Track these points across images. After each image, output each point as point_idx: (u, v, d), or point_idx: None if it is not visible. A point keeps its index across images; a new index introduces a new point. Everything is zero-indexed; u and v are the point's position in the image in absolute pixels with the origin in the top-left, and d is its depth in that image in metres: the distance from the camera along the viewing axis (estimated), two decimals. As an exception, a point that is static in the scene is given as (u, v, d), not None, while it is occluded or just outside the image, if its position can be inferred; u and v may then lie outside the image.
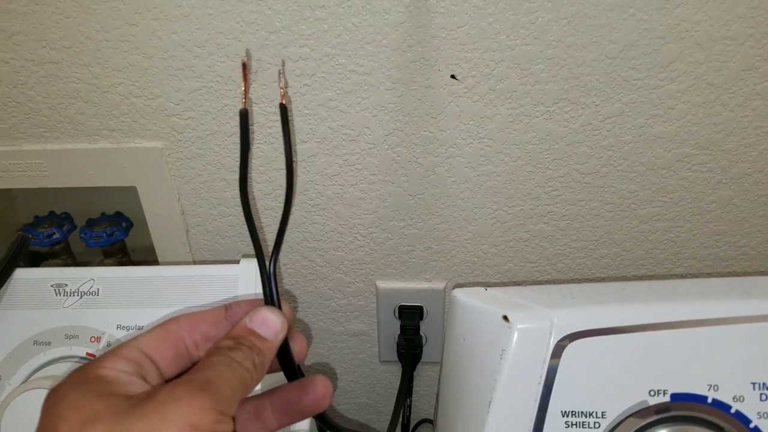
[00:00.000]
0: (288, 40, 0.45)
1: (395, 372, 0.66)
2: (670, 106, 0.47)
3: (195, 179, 0.53)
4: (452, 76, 0.46)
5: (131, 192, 0.54)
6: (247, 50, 0.44)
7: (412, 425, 0.68)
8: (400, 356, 0.62)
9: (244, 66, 0.31)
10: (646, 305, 0.34)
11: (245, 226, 0.56)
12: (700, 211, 0.52)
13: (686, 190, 0.51)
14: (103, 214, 0.63)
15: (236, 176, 0.52)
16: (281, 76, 0.40)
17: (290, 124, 0.47)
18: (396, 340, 0.62)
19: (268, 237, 0.56)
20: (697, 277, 0.56)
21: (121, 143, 0.51)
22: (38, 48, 0.47)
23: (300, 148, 0.51)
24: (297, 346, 0.27)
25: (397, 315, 0.60)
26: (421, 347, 0.62)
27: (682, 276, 0.57)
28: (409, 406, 0.64)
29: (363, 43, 0.45)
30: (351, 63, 0.46)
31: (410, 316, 0.60)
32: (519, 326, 0.33)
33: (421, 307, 0.60)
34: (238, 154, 0.51)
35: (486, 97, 0.47)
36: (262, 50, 0.46)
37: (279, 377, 0.28)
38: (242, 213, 0.29)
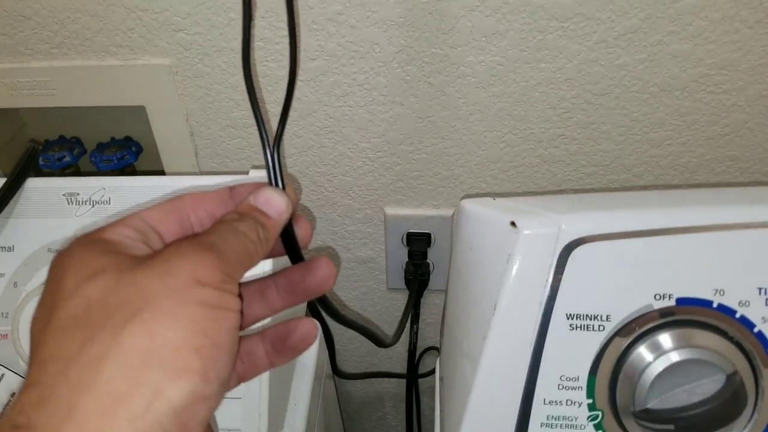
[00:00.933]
0: (296, -51, 0.44)
1: (403, 300, 0.67)
2: (687, 22, 0.45)
3: (203, 98, 0.53)
4: (464, -11, 0.45)
5: (141, 116, 0.54)
6: None
7: (418, 352, 0.69)
8: (408, 283, 0.63)
9: None
10: (653, 211, 0.34)
11: (255, 148, 0.55)
12: (713, 135, 0.51)
13: (700, 112, 0.50)
14: (112, 138, 0.63)
15: (244, 96, 0.52)
16: None
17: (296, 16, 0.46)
18: (404, 267, 0.63)
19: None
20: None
21: (129, 60, 0.51)
22: (43, -41, 0.46)
23: (308, 66, 0.50)
24: (301, 230, 0.27)
25: (405, 242, 0.61)
26: (429, 274, 0.62)
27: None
28: (416, 333, 0.65)
29: (373, -47, 0.44)
30: (361, -26, 0.45)
31: (418, 243, 0.60)
32: (526, 231, 0.33)
33: (429, 234, 0.60)
34: (246, 73, 0.51)
35: (499, 11, 0.46)
36: (269, -40, 0.45)
37: (284, 262, 0.28)
38: (245, 85, 0.28)
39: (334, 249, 0.64)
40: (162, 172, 0.59)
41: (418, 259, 0.61)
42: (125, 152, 0.61)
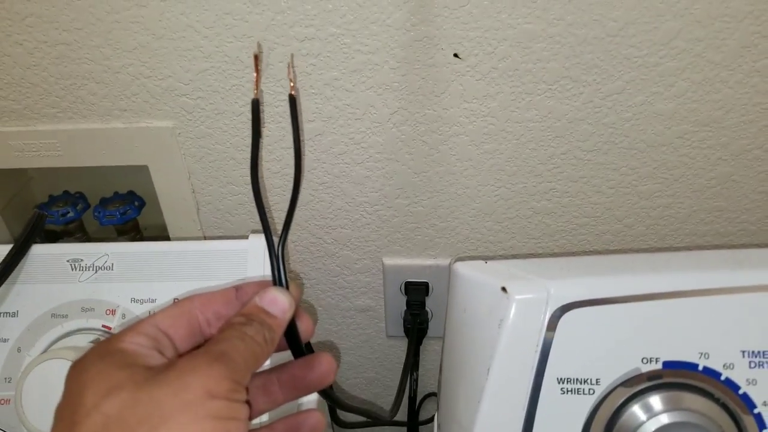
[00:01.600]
0: (294, 20, 0.46)
1: (402, 347, 0.68)
2: (670, 83, 0.47)
3: (205, 158, 0.54)
4: (455, 55, 0.47)
5: (143, 171, 0.56)
6: (259, 44, 0.45)
7: (418, 399, 0.69)
8: (407, 331, 0.64)
9: (256, 58, 0.33)
10: (640, 276, 0.35)
11: (254, 204, 0.57)
12: (700, 188, 0.53)
13: (686, 166, 0.52)
14: (115, 193, 0.64)
15: (245, 155, 0.54)
16: (290, 68, 0.41)
17: (299, 114, 0.48)
18: (402, 315, 0.63)
19: (276, 215, 0.58)
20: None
21: (133, 123, 0.53)
22: (50, 30, 0.48)
23: (307, 127, 0.52)
24: (303, 325, 0.29)
25: (403, 291, 0.62)
26: (427, 322, 0.63)
27: (683, 251, 0.57)
28: (416, 380, 0.66)
29: (367, 23, 0.46)
30: (356, 42, 0.47)
31: (416, 292, 0.61)
32: (517, 297, 0.35)
33: (427, 283, 0.61)
34: (246, 134, 0.53)
35: (488, 75, 0.48)
36: (268, 30, 0.47)
37: (286, 356, 0.29)
38: (252, 194, 0.30)
39: (334, 298, 0.65)
40: (164, 227, 0.60)
41: (417, 308, 0.62)
42: (128, 207, 0.62)
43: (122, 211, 0.61)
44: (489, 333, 0.35)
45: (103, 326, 0.41)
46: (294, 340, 0.29)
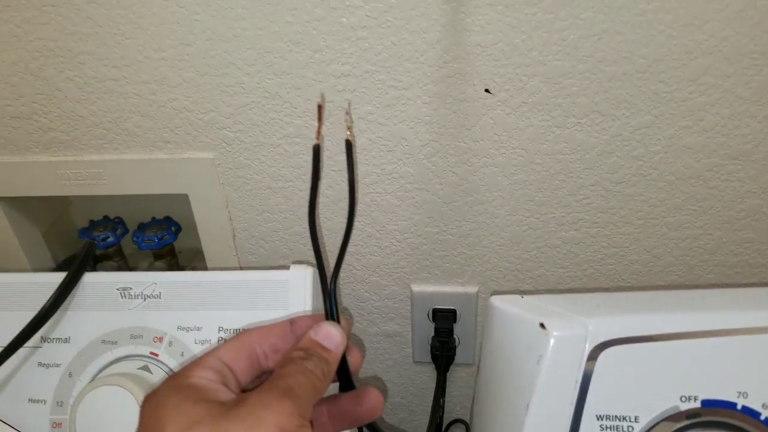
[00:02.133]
0: (331, 58, 0.48)
1: (428, 372, 0.69)
2: (699, 117, 0.48)
3: (242, 187, 0.56)
4: (486, 90, 0.49)
5: (180, 197, 0.58)
6: (322, 94, 0.47)
7: (444, 425, 0.70)
8: (433, 357, 0.65)
9: (320, 108, 0.35)
10: (677, 314, 0.36)
11: (288, 231, 0.59)
12: (729, 220, 0.53)
13: (716, 198, 0.52)
14: (153, 218, 0.66)
15: (281, 185, 0.56)
16: (348, 115, 0.44)
17: (354, 159, 0.50)
18: (429, 341, 0.64)
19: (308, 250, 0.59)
20: (727, 284, 0.57)
21: (175, 154, 0.55)
22: (100, 66, 0.51)
23: (339, 159, 0.54)
24: (352, 358, 0.30)
25: (430, 317, 0.63)
26: (455, 349, 0.64)
27: (712, 282, 0.58)
28: (443, 407, 0.66)
29: (401, 60, 0.48)
30: (390, 79, 0.49)
31: (444, 319, 0.62)
32: (555, 333, 0.35)
33: (455, 310, 0.62)
34: (282, 164, 0.54)
35: (519, 109, 0.49)
36: (306, 68, 0.49)
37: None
38: (309, 234, 0.32)
39: (362, 323, 0.66)
40: (198, 249, 0.62)
41: (445, 335, 0.62)
42: (165, 232, 0.64)
43: (160, 236, 0.63)
44: (528, 368, 0.36)
45: (151, 353, 0.43)
46: (344, 374, 0.30)
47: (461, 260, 0.59)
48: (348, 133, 0.34)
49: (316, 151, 0.32)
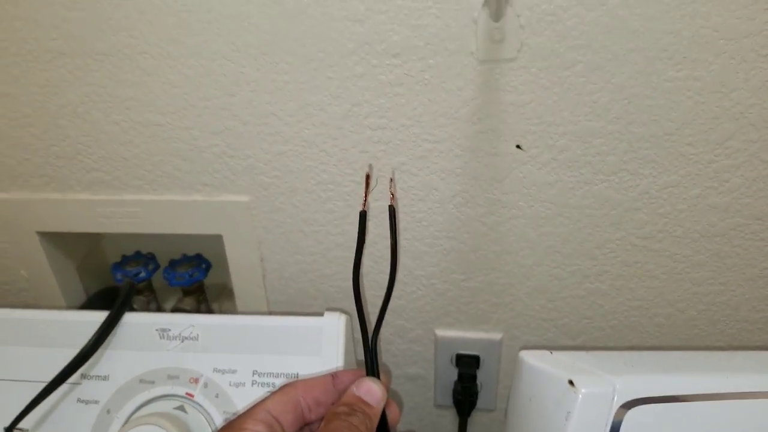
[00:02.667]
0: (368, 112, 0.50)
1: (449, 416, 0.69)
2: (724, 179, 0.49)
3: (275, 230, 0.58)
4: (518, 146, 0.50)
5: (214, 238, 0.60)
6: (370, 165, 0.50)
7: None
8: (455, 402, 0.65)
9: (368, 177, 0.37)
10: (704, 376, 0.37)
11: (317, 273, 0.60)
12: (753, 277, 0.54)
13: (739, 256, 0.53)
14: (184, 255, 0.68)
15: (313, 228, 0.57)
16: (392, 182, 0.47)
17: (397, 223, 0.52)
18: (452, 386, 0.65)
19: (343, 285, 0.61)
20: (751, 338, 0.58)
21: (212, 197, 0.57)
22: (146, 112, 0.53)
23: (373, 205, 0.55)
24: (391, 413, 0.31)
25: (454, 362, 0.64)
26: (476, 394, 0.65)
27: (735, 336, 0.58)
28: (462, 450, 0.67)
29: (436, 116, 0.50)
30: (424, 132, 0.51)
31: (467, 365, 0.63)
32: (584, 390, 0.36)
33: (478, 356, 0.63)
34: (315, 209, 0.56)
35: (548, 165, 0.51)
36: (344, 119, 0.51)
37: None
38: (352, 291, 0.34)
39: (386, 365, 0.67)
40: (224, 285, 0.64)
41: (468, 381, 0.63)
42: (195, 269, 0.66)
43: (191, 273, 0.65)
44: (556, 424, 0.37)
45: (187, 393, 0.44)
46: (383, 427, 0.31)
47: (486, 307, 0.60)
48: (391, 197, 0.36)
49: (363, 217, 0.34)
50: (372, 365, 0.31)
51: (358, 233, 0.34)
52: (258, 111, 0.51)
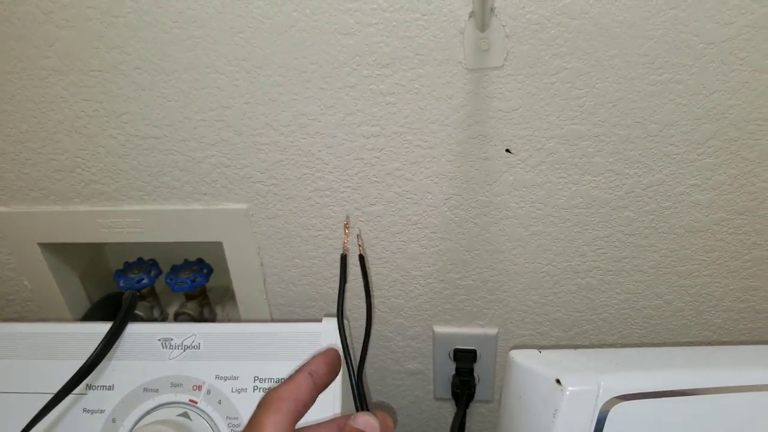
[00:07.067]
0: (362, 120, 0.51)
1: (448, 408, 0.71)
2: (707, 177, 0.51)
3: (274, 236, 0.59)
4: (507, 150, 0.52)
5: (213, 242, 0.61)
6: (347, 216, 0.53)
7: (462, 458, 0.72)
8: (454, 394, 0.67)
9: (346, 226, 0.39)
10: (687, 371, 0.39)
11: (316, 276, 0.62)
12: (736, 269, 0.56)
13: (723, 250, 0.55)
14: (185, 260, 0.70)
15: (310, 233, 0.59)
16: (359, 238, 0.50)
17: (366, 268, 0.57)
18: (450, 379, 0.67)
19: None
20: (736, 327, 0.60)
21: (211, 205, 0.58)
22: (142, 125, 0.54)
23: (368, 210, 0.57)
24: None
25: (451, 357, 0.65)
26: (474, 387, 0.67)
27: (720, 325, 0.60)
28: (461, 440, 0.69)
29: (428, 123, 0.51)
30: (417, 139, 0.52)
31: (464, 359, 0.65)
32: (570, 389, 0.38)
33: (475, 350, 0.65)
34: (312, 215, 0.58)
35: (537, 167, 0.52)
36: (338, 128, 0.52)
37: None
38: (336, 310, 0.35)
39: (386, 362, 0.69)
40: (226, 289, 0.65)
41: (465, 375, 0.65)
42: (197, 275, 0.67)
43: (192, 278, 0.66)
44: (544, 421, 0.38)
45: (190, 400, 0.46)
46: None
47: (482, 304, 0.62)
48: (359, 247, 0.38)
49: (344, 260, 0.36)
50: (361, 404, 0.33)
51: (340, 274, 0.36)
52: (253, 122, 0.52)
